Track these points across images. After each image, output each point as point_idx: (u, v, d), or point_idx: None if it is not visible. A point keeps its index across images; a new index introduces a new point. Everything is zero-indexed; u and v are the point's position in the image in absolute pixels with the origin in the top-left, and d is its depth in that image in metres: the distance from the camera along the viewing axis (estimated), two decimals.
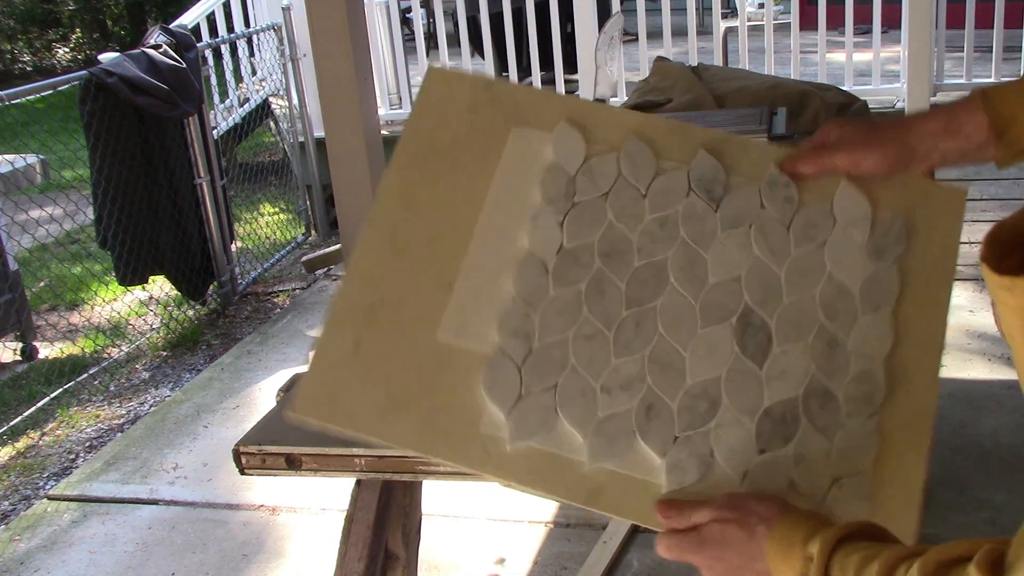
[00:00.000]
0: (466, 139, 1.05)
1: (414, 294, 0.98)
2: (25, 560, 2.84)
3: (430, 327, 0.97)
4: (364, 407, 0.94)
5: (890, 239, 1.00)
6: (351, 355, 0.95)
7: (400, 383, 0.95)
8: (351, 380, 0.94)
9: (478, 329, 0.97)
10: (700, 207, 1.02)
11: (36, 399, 3.90)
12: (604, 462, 0.92)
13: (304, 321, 4.55)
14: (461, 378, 0.95)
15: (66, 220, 4.57)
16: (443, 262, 1.00)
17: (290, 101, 5.68)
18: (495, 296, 0.98)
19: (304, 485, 2.96)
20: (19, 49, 15.70)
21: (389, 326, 0.97)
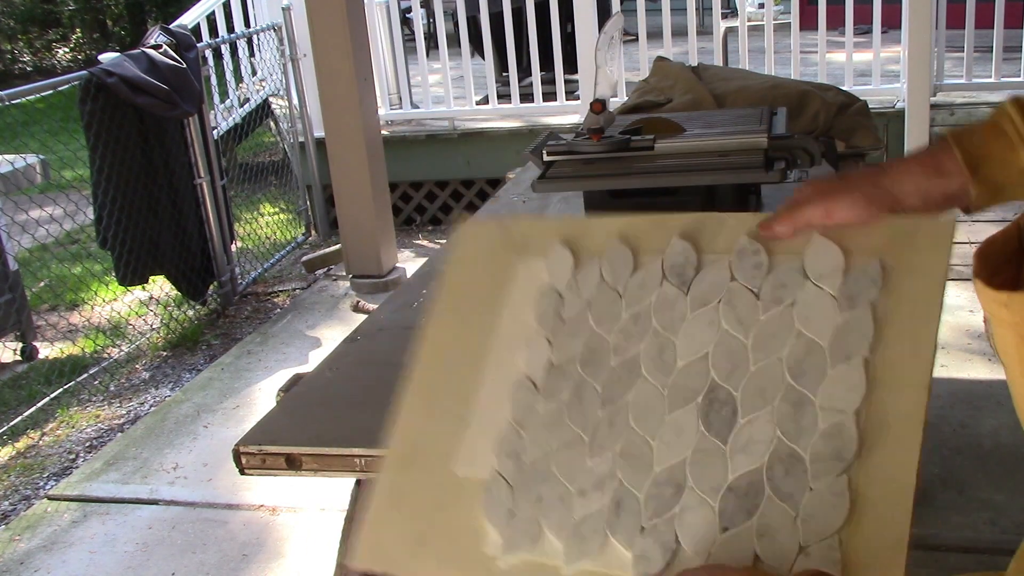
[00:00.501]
0: (487, 283, 1.11)
1: (438, 436, 1.05)
2: (25, 560, 2.84)
3: (449, 463, 1.03)
4: (400, 547, 1.00)
5: (862, 284, 0.95)
6: (389, 501, 1.04)
7: (424, 519, 1.01)
8: (390, 525, 1.02)
9: (484, 457, 1.02)
10: (671, 293, 1.01)
11: (36, 399, 3.90)
12: (580, 562, 0.93)
13: (304, 321, 4.55)
14: (470, 506, 1.00)
15: (66, 220, 4.57)
16: (460, 401, 1.06)
17: (290, 101, 5.68)
18: (498, 422, 1.03)
19: (304, 485, 2.96)
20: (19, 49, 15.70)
21: (417, 469, 1.04)
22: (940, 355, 3.66)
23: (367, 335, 1.79)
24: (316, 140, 5.61)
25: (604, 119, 1.90)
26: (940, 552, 2.40)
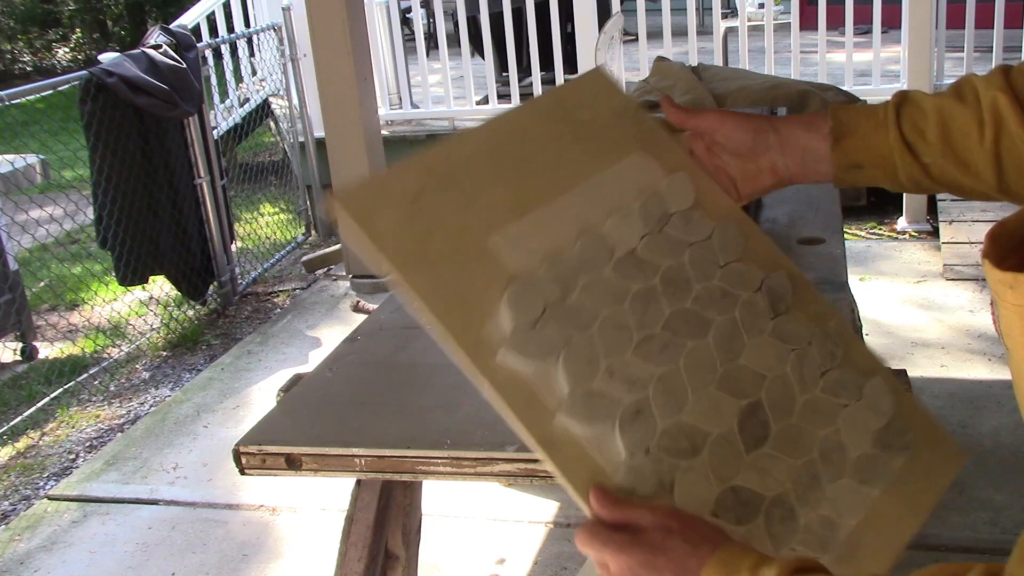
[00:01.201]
0: (602, 124, 1.10)
1: (491, 193, 0.99)
2: (25, 560, 2.84)
3: (489, 226, 0.97)
4: (396, 240, 0.94)
5: (896, 443, 1.04)
6: (408, 198, 0.96)
7: (437, 244, 0.95)
8: (396, 214, 0.95)
9: (527, 256, 0.98)
10: (761, 306, 1.06)
11: (36, 399, 3.90)
12: (574, 424, 0.92)
13: (304, 321, 4.55)
14: (491, 279, 0.95)
15: (66, 220, 4.57)
16: (529, 192, 1.01)
17: (290, 101, 5.68)
18: (558, 242, 1.00)
19: (304, 485, 2.96)
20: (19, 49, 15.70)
21: (455, 200, 0.97)
22: (940, 355, 3.69)
23: (367, 335, 1.79)
24: (316, 140, 5.61)
25: None
26: (940, 552, 2.40)
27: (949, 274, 4.29)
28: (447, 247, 0.95)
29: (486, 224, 0.97)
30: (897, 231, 5.01)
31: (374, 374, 1.63)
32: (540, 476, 1.32)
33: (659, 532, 0.85)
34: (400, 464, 1.37)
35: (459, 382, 1.56)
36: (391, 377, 1.61)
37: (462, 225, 0.96)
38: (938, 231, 4.64)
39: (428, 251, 0.94)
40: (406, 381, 1.59)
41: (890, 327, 3.82)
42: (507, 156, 1.03)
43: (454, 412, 1.45)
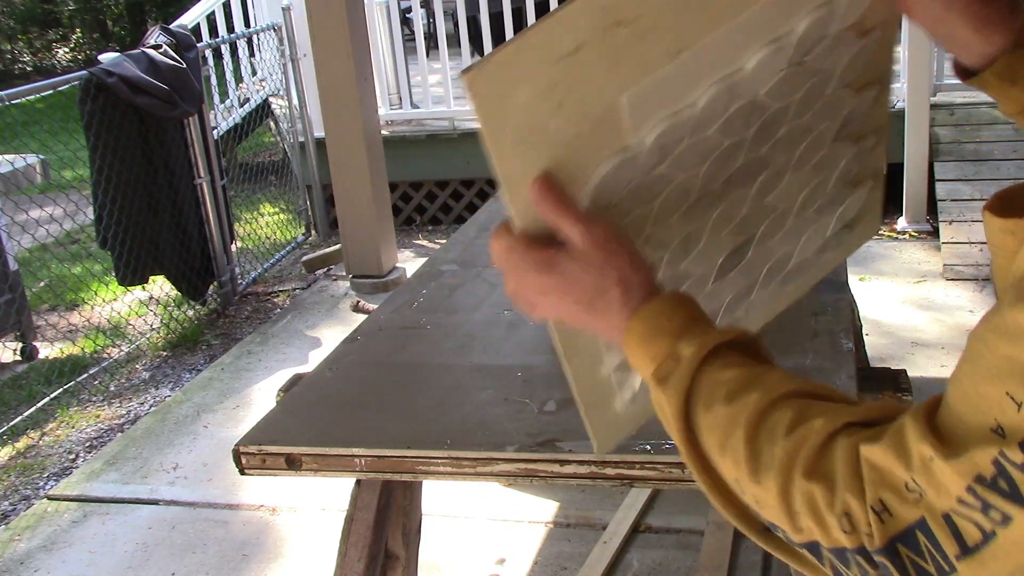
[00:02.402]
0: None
1: (658, 28, 0.83)
2: (25, 560, 2.84)
3: (627, 83, 0.84)
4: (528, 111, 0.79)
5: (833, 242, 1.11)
6: (558, 56, 0.79)
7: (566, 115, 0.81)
8: (540, 81, 0.79)
9: (645, 120, 0.86)
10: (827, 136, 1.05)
11: (36, 399, 3.90)
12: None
13: (304, 321, 4.55)
14: (604, 151, 0.85)
15: (66, 220, 4.57)
16: (690, 29, 0.86)
17: (290, 101, 5.68)
18: (689, 95, 0.88)
19: (304, 485, 2.96)
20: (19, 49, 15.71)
21: (608, 54, 0.81)
22: (940, 355, 3.68)
23: (367, 335, 1.79)
24: (316, 140, 5.61)
25: None
26: None
27: (949, 274, 4.29)
28: (574, 118, 0.82)
29: (627, 80, 0.84)
30: (897, 231, 5.01)
31: (374, 374, 1.63)
32: (540, 476, 1.33)
33: (599, 254, 0.77)
34: (400, 464, 1.37)
35: (459, 382, 1.56)
36: (391, 377, 1.61)
37: (602, 86, 0.83)
38: (938, 231, 4.64)
39: (550, 129, 0.81)
40: (406, 381, 1.59)
41: (890, 327, 3.82)
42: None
43: (454, 412, 1.46)
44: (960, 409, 0.60)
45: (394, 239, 5.05)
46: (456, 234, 2.39)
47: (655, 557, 2.54)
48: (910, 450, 0.60)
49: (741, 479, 0.68)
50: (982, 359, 0.60)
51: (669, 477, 1.29)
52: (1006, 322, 0.59)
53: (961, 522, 0.58)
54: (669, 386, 0.73)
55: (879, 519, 0.60)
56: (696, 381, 0.72)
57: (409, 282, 2.09)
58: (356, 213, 4.78)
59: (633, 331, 0.76)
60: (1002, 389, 0.57)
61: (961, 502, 0.57)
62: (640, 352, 0.75)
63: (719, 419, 0.70)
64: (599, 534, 2.63)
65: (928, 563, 0.59)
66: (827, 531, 0.63)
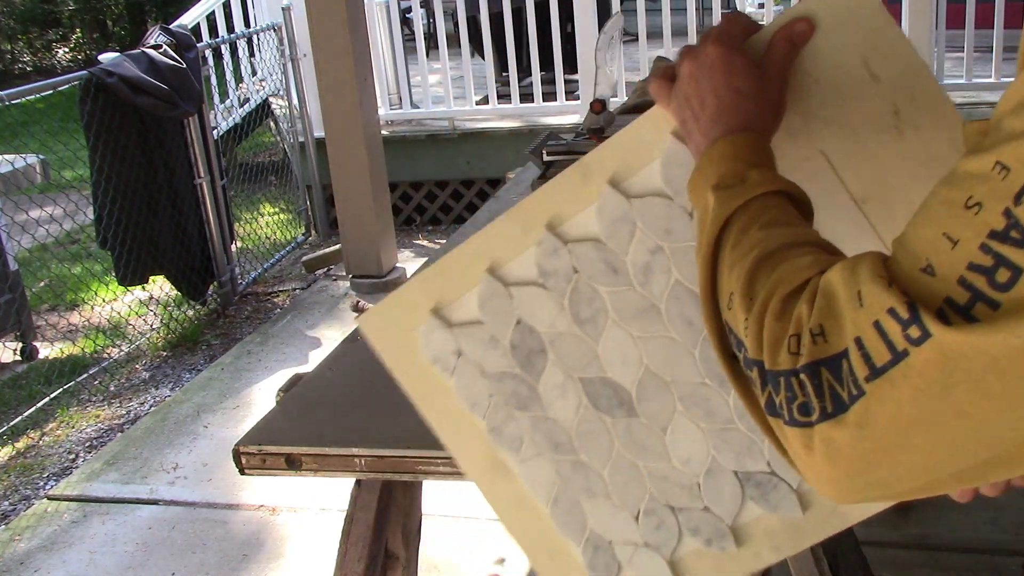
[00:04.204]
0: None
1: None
2: (25, 560, 2.84)
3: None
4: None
5: None
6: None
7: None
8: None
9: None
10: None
11: (36, 399, 3.90)
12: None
13: (304, 321, 4.55)
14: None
15: (66, 220, 4.57)
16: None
17: (290, 101, 5.68)
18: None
19: (304, 485, 2.96)
20: (19, 49, 15.71)
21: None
22: None
23: None
24: (316, 140, 5.61)
25: (604, 119, 1.91)
26: (940, 552, 2.41)
27: None
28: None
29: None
30: None
31: (374, 374, 1.62)
32: None
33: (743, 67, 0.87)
34: (400, 464, 1.37)
35: None
36: (391, 377, 1.61)
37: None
38: None
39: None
40: None
41: None
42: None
43: None
44: (898, 255, 0.62)
45: (394, 239, 5.05)
46: (456, 234, 2.39)
47: None
48: (857, 283, 0.62)
49: (735, 294, 0.72)
50: (924, 208, 0.63)
51: None
52: (954, 171, 0.61)
53: (873, 343, 0.59)
54: (725, 195, 0.79)
55: (813, 342, 0.63)
56: (747, 204, 0.78)
57: None
58: (356, 213, 4.78)
59: (712, 152, 0.84)
60: (938, 231, 0.59)
61: (877, 324, 0.59)
62: (712, 168, 0.83)
63: (748, 238, 0.75)
64: None
65: (843, 389, 0.61)
66: (776, 352, 0.65)
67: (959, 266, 0.57)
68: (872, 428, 0.60)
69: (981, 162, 0.59)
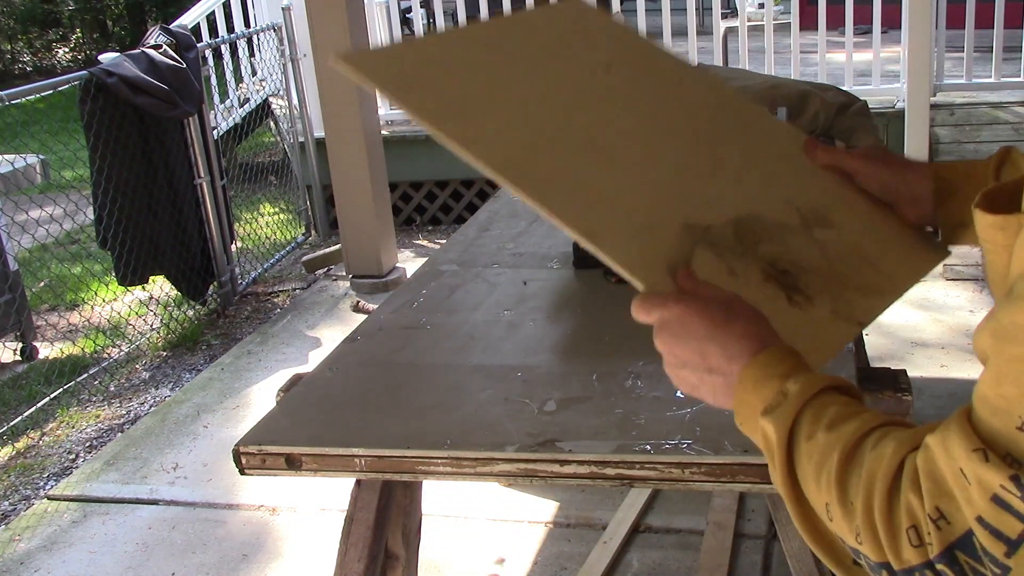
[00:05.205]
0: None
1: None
2: (25, 560, 2.84)
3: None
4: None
5: None
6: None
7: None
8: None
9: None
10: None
11: (36, 399, 3.90)
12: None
13: (304, 321, 4.55)
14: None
15: (66, 220, 4.57)
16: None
17: (290, 101, 5.68)
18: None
19: (304, 485, 2.96)
20: (19, 49, 15.71)
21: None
22: (940, 355, 3.68)
23: (367, 335, 1.79)
24: (316, 140, 5.61)
25: None
26: None
27: (949, 274, 4.29)
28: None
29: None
30: None
31: (374, 374, 1.63)
32: (540, 476, 1.32)
33: (722, 308, 0.85)
34: (400, 464, 1.37)
35: (459, 382, 1.56)
36: (391, 377, 1.61)
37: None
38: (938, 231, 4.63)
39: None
40: (406, 381, 1.59)
41: (890, 327, 3.82)
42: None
43: (454, 412, 1.46)
44: (985, 416, 0.63)
45: (394, 239, 5.05)
46: (456, 234, 2.39)
47: (655, 557, 2.54)
48: (955, 460, 0.62)
49: (831, 504, 0.71)
50: (995, 366, 0.63)
51: (669, 477, 1.29)
52: (1007, 325, 0.61)
53: (997, 518, 0.59)
54: (776, 417, 0.78)
55: (936, 527, 0.62)
56: (802, 413, 0.77)
57: (409, 282, 2.09)
58: (356, 213, 4.78)
59: (747, 377, 0.82)
60: (1020, 388, 0.60)
61: (995, 500, 0.59)
62: (752, 396, 0.81)
63: (819, 445, 0.74)
64: (599, 534, 2.63)
65: (986, 567, 0.61)
66: (899, 550, 0.65)
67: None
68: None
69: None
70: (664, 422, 1.35)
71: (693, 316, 0.85)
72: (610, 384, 1.49)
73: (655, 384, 1.46)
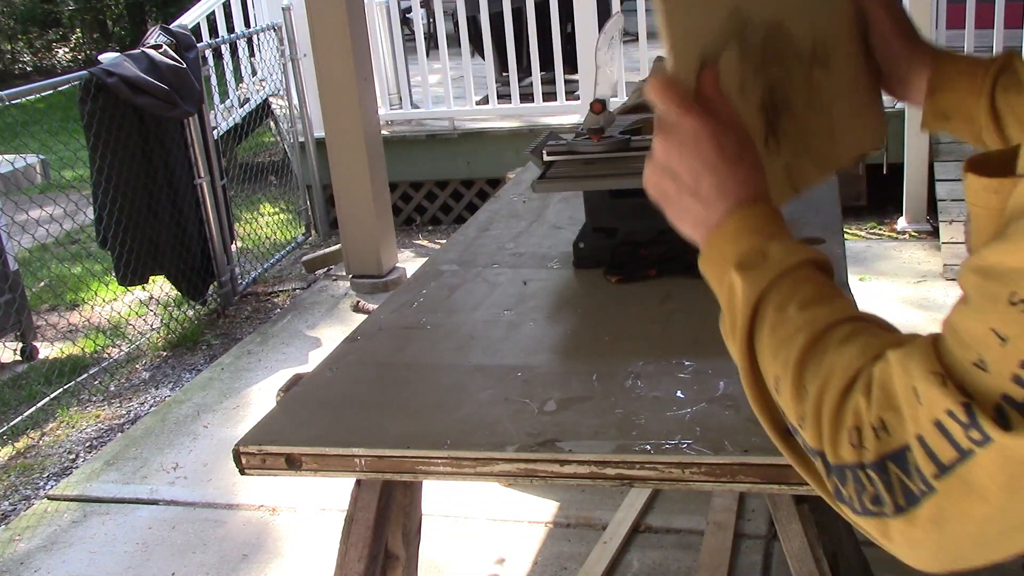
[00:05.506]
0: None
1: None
2: (25, 560, 2.84)
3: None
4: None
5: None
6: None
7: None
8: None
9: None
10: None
11: (36, 399, 3.90)
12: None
13: (304, 321, 4.55)
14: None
15: (66, 220, 4.57)
16: None
17: (290, 101, 5.68)
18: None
19: (304, 485, 2.97)
20: (19, 49, 15.72)
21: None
22: None
23: (367, 335, 1.79)
24: (316, 140, 5.61)
25: (604, 119, 1.91)
26: None
27: (949, 274, 4.29)
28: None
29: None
30: (897, 231, 5.01)
31: (374, 374, 1.63)
32: (540, 476, 1.32)
33: (735, 144, 0.83)
34: (400, 464, 1.37)
35: (459, 382, 1.56)
36: (391, 377, 1.61)
37: None
38: (938, 231, 4.64)
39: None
40: (406, 381, 1.59)
41: None
42: None
43: (454, 412, 1.45)
44: (950, 343, 0.63)
45: (394, 239, 5.05)
46: (456, 234, 2.39)
47: (655, 557, 2.54)
48: (912, 378, 0.63)
49: (782, 378, 0.72)
50: (969, 298, 0.63)
51: (669, 477, 1.29)
52: (991, 263, 0.62)
53: (936, 441, 0.60)
54: (750, 276, 0.77)
55: (875, 436, 0.64)
56: (777, 281, 0.76)
57: (409, 282, 2.09)
58: (356, 213, 4.78)
59: (730, 223, 0.80)
60: (986, 326, 0.60)
61: (938, 424, 0.60)
62: (728, 245, 0.80)
63: (787, 320, 0.73)
64: (599, 534, 2.63)
65: (913, 483, 0.62)
66: (837, 445, 0.66)
67: (1012, 364, 0.58)
68: (948, 524, 0.61)
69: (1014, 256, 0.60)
70: (664, 422, 1.35)
71: (706, 137, 0.82)
72: (610, 384, 1.49)
73: (655, 384, 1.46)
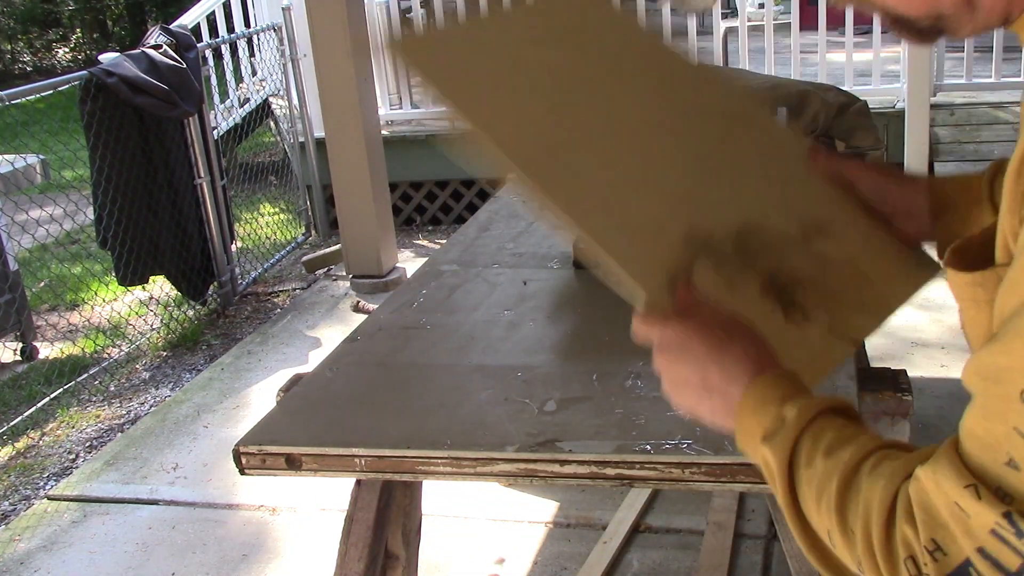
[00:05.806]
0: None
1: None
2: (25, 560, 2.84)
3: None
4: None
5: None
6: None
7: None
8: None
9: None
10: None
11: (36, 399, 3.90)
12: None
13: (304, 321, 4.55)
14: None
15: (66, 220, 4.57)
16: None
17: (290, 101, 5.68)
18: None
19: (304, 485, 2.96)
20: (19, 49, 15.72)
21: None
22: (940, 355, 3.68)
23: (367, 335, 1.79)
24: (316, 140, 5.61)
25: None
26: None
27: None
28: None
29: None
30: None
31: (374, 374, 1.63)
32: (540, 476, 1.32)
33: (721, 329, 0.86)
34: (400, 464, 1.37)
35: (459, 382, 1.56)
36: (391, 377, 1.61)
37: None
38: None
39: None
40: (406, 381, 1.59)
41: (890, 327, 3.80)
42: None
43: (454, 412, 1.46)
44: (974, 451, 0.64)
45: (394, 239, 5.05)
46: (456, 234, 2.39)
47: (655, 557, 2.54)
48: (948, 494, 0.64)
49: (832, 530, 0.73)
50: (981, 403, 0.65)
51: (669, 477, 1.29)
52: (989, 366, 0.64)
53: (997, 550, 0.61)
54: (775, 444, 0.79)
55: (933, 558, 0.64)
56: (799, 440, 0.77)
57: (409, 282, 2.09)
58: (356, 213, 4.78)
59: (747, 402, 0.83)
60: (1008, 426, 0.62)
61: (994, 533, 0.61)
62: (751, 422, 0.82)
63: (817, 472, 0.75)
64: (599, 534, 2.63)
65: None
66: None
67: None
68: None
69: (1012, 356, 0.62)
70: (664, 422, 1.35)
71: (692, 336, 0.85)
72: (610, 384, 1.49)
73: (655, 384, 1.45)
